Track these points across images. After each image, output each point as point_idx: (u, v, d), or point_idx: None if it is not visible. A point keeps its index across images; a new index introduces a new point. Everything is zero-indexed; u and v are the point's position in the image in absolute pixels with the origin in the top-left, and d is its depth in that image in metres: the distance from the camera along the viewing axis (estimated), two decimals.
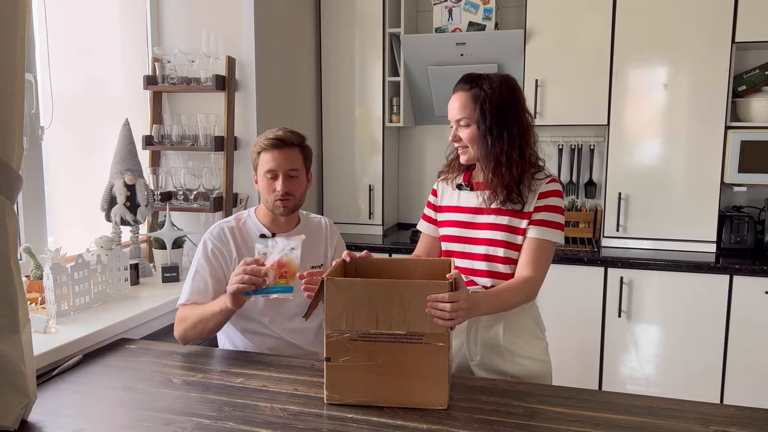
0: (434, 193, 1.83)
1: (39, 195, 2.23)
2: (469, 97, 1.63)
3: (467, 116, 1.63)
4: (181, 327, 1.75)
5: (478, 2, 3.25)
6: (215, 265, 1.80)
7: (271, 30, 2.91)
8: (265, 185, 1.81)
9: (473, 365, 1.72)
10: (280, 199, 1.80)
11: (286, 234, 1.86)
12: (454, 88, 1.69)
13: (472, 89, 1.63)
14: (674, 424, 1.31)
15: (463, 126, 1.65)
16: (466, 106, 1.63)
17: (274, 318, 1.84)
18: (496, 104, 1.60)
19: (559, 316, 2.95)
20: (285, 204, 1.81)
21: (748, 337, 2.79)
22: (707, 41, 2.91)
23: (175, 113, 2.89)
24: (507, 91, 1.63)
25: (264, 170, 1.79)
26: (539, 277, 1.63)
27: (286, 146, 1.79)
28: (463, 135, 1.66)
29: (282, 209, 1.82)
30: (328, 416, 1.35)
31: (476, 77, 1.65)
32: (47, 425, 1.34)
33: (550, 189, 1.65)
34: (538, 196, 1.64)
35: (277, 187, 1.78)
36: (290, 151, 1.80)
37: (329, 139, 3.53)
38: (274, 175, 1.79)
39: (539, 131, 3.64)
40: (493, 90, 1.61)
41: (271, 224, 1.88)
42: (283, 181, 1.78)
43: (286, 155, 1.79)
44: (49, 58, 2.19)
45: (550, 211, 1.63)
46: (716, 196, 2.98)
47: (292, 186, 1.80)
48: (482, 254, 1.67)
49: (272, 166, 1.78)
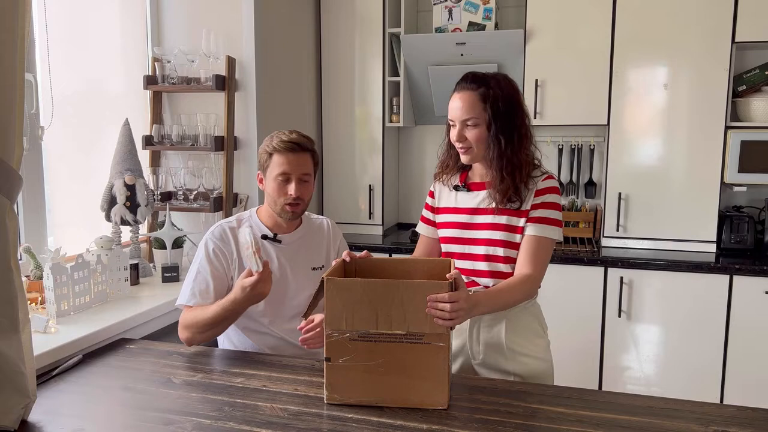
0: (431, 194, 1.83)
1: (39, 195, 2.23)
2: (476, 97, 1.60)
3: (476, 116, 1.60)
4: (189, 331, 1.73)
5: (478, 2, 3.25)
6: (216, 265, 1.79)
7: (271, 30, 2.91)
8: (275, 187, 1.78)
9: (476, 365, 1.72)
10: (291, 203, 1.78)
11: (287, 234, 1.87)
12: (457, 87, 1.65)
13: (479, 88, 1.60)
14: (674, 424, 1.31)
15: (471, 126, 1.62)
16: (474, 106, 1.60)
17: (274, 318, 1.83)
18: (505, 104, 1.59)
19: (559, 315, 2.95)
20: (294, 209, 1.80)
21: (748, 337, 2.79)
22: (707, 41, 2.91)
23: (175, 113, 2.89)
24: (512, 91, 1.63)
25: (276, 173, 1.76)
26: (539, 274, 1.63)
27: (301, 150, 1.77)
28: (470, 135, 1.62)
29: (290, 214, 1.81)
30: (328, 416, 1.35)
31: (482, 76, 1.63)
32: (47, 425, 1.34)
33: (546, 186, 1.65)
34: (535, 194, 1.63)
35: (290, 191, 1.76)
36: (304, 155, 1.78)
37: (329, 139, 3.53)
38: (286, 178, 1.76)
39: (539, 131, 3.65)
40: (501, 89, 1.60)
41: (274, 226, 1.87)
42: (296, 186, 1.77)
43: (300, 159, 1.77)
44: (49, 58, 2.19)
45: (547, 208, 1.63)
46: (716, 196, 2.98)
47: (303, 191, 1.79)
48: (483, 254, 1.67)
49: (286, 170, 1.75)
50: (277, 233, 1.86)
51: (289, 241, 1.87)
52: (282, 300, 1.83)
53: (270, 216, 1.87)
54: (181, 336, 1.76)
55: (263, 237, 1.84)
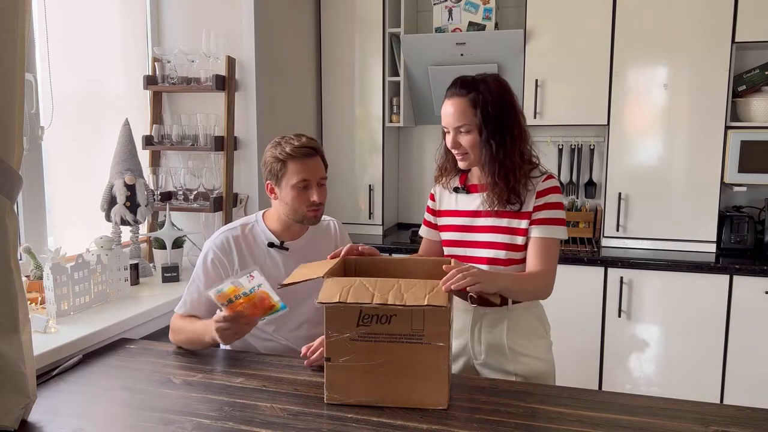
0: (432, 197, 1.82)
1: (39, 195, 2.23)
2: (467, 103, 1.59)
3: (467, 122, 1.59)
4: (174, 337, 1.79)
5: (478, 2, 3.25)
6: (212, 276, 1.76)
7: (271, 30, 2.91)
8: (295, 196, 1.72)
9: (477, 365, 1.72)
10: (315, 208, 1.75)
11: (294, 241, 1.83)
12: (448, 93, 1.64)
13: (469, 94, 1.59)
14: (674, 424, 1.31)
15: (464, 132, 1.61)
16: (465, 112, 1.59)
17: (280, 327, 1.81)
18: (496, 108, 1.58)
19: (559, 316, 2.93)
20: (317, 214, 1.77)
21: (748, 337, 2.79)
22: (707, 41, 2.91)
23: (175, 113, 2.89)
24: (503, 92, 1.61)
25: (296, 180, 1.71)
26: (551, 271, 1.62)
27: (316, 154, 1.74)
28: (463, 142, 1.61)
29: (315, 220, 1.78)
30: (328, 416, 1.35)
31: (471, 81, 1.61)
32: (47, 425, 1.34)
33: (547, 186, 1.64)
34: (536, 195, 1.63)
35: (314, 197, 1.72)
36: (318, 159, 1.75)
37: (329, 139, 3.53)
38: (307, 185, 1.72)
39: (539, 131, 3.65)
40: (491, 93, 1.58)
41: (284, 231, 1.82)
42: (317, 191, 1.73)
43: (317, 164, 1.74)
44: (49, 58, 2.19)
45: (550, 208, 1.63)
46: (716, 196, 2.98)
47: (322, 195, 1.76)
48: (485, 258, 1.66)
49: (306, 176, 1.71)
50: (284, 240, 1.82)
51: (296, 248, 1.83)
52: (289, 307, 1.81)
53: (280, 222, 1.81)
54: (169, 336, 1.81)
55: (269, 245, 1.80)
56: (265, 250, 1.81)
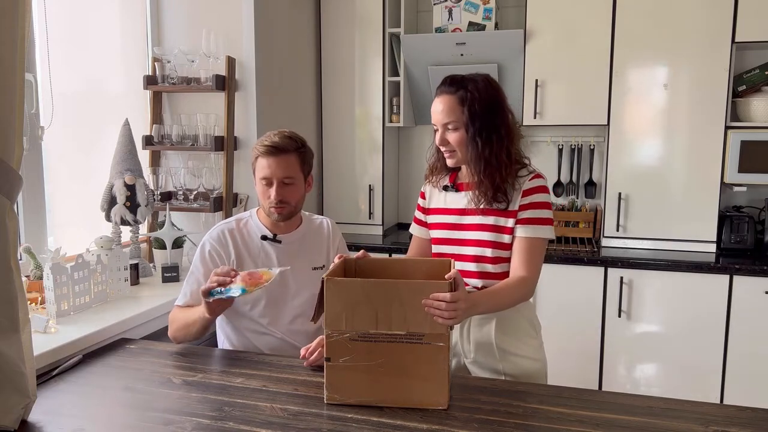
0: (422, 195, 1.84)
1: (39, 195, 2.23)
2: (455, 100, 1.61)
3: (455, 119, 1.61)
4: (171, 328, 1.82)
5: (478, 2, 3.25)
6: (210, 267, 1.78)
7: (271, 30, 2.91)
8: (260, 191, 1.81)
9: (467, 363, 1.72)
10: (275, 206, 1.78)
11: (286, 234, 1.86)
12: (437, 91, 1.66)
13: (457, 92, 1.61)
14: (674, 424, 1.31)
15: (451, 130, 1.63)
16: (453, 109, 1.61)
17: (274, 319, 1.83)
18: (483, 106, 1.59)
19: (559, 316, 2.95)
20: (279, 211, 1.80)
21: (748, 337, 2.79)
22: (707, 41, 2.91)
23: (175, 113, 2.89)
24: (492, 91, 1.62)
25: (259, 177, 1.78)
26: (534, 276, 1.63)
27: (282, 153, 1.75)
28: (451, 139, 1.63)
29: (277, 216, 1.81)
30: (328, 416, 1.35)
31: (460, 79, 1.63)
32: (47, 425, 1.34)
33: (533, 185, 1.64)
34: (522, 194, 1.63)
35: (271, 195, 1.77)
36: (286, 157, 1.76)
37: (329, 139, 3.53)
38: (268, 182, 1.77)
39: (539, 131, 3.65)
40: (479, 91, 1.60)
41: (273, 226, 1.87)
42: (277, 189, 1.76)
43: (281, 162, 1.75)
44: (49, 58, 2.19)
45: (536, 207, 1.63)
46: (716, 196, 2.98)
47: (286, 194, 1.78)
48: (471, 255, 1.67)
49: (266, 174, 1.76)
50: (277, 233, 1.86)
51: (289, 241, 1.87)
52: (282, 300, 1.83)
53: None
54: (168, 332, 1.83)
55: (263, 238, 1.85)
56: (259, 244, 1.85)
